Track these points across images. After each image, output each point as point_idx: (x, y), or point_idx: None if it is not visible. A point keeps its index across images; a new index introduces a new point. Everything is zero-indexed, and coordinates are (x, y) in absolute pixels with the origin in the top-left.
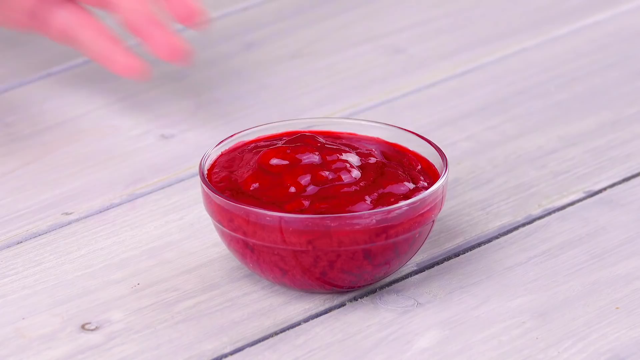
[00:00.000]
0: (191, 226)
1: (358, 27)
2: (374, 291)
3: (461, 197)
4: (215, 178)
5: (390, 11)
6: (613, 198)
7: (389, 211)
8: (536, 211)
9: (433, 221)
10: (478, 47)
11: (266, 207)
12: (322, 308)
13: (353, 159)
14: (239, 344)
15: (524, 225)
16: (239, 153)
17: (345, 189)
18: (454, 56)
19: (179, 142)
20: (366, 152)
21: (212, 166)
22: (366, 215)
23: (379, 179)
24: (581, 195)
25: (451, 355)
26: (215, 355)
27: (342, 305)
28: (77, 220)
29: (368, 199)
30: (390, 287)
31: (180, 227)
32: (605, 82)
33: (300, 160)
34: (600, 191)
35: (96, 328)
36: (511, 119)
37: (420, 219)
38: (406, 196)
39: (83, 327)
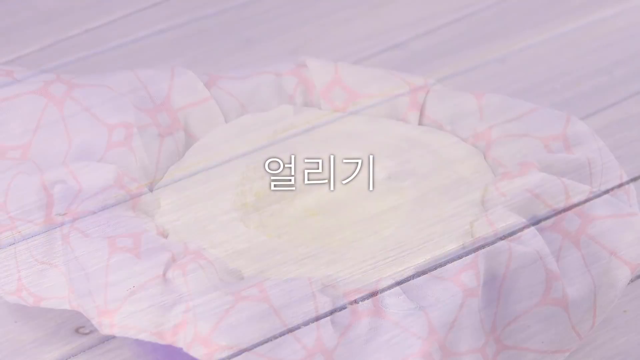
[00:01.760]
0: (188, 227)
1: (358, 23)
2: (375, 294)
3: (464, 198)
4: None
5: (392, 8)
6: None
7: None
8: (542, 212)
9: None
10: (481, 44)
11: None
12: (322, 311)
13: None
14: (237, 348)
15: (529, 226)
16: None
17: None
18: (456, 53)
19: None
20: None
21: None
22: None
23: None
24: (588, 195)
25: None
26: None
27: (342, 308)
28: (71, 221)
29: None
30: (392, 290)
31: (176, 228)
32: (611, 79)
33: None
34: (607, 191)
35: (90, 332)
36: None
37: None
38: None
39: (77, 330)
